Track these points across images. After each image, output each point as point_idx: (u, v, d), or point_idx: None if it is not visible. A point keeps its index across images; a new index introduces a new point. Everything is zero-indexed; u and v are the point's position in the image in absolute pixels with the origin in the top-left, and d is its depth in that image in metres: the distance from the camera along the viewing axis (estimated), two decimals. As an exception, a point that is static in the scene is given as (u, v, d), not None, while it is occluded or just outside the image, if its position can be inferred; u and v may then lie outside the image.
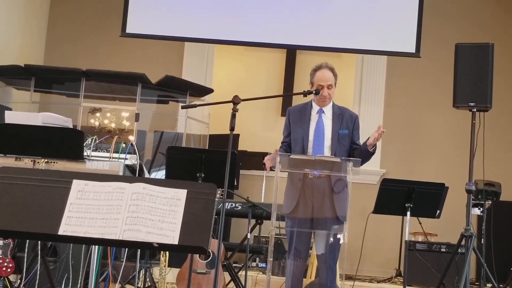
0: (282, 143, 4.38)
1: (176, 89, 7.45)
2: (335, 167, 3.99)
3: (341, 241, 4.03)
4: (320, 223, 4.10)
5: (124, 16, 7.64)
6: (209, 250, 2.69)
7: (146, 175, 4.69)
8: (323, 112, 4.27)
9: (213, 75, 8.43)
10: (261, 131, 8.39)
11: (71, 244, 4.47)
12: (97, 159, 4.30)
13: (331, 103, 4.32)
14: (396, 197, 5.03)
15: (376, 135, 4.08)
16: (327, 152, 4.17)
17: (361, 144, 4.25)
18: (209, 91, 7.61)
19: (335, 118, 4.25)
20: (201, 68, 8.34)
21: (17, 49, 7.90)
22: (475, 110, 4.96)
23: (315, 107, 4.30)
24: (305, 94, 4.20)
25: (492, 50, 4.95)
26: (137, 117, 7.03)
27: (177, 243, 2.49)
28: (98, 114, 7.61)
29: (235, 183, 5.54)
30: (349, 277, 6.13)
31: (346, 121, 4.26)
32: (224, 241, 6.37)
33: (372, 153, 4.18)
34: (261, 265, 6.64)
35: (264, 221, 5.86)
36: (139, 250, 4.98)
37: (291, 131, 4.32)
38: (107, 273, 4.79)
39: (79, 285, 4.51)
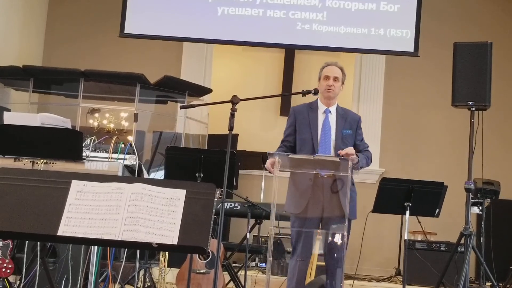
0: (282, 141, 4.39)
1: (175, 89, 7.44)
2: (339, 166, 4.00)
3: (339, 241, 4.04)
4: (329, 222, 4.11)
5: (122, 16, 7.63)
6: (209, 250, 2.69)
7: (145, 175, 4.68)
8: (330, 112, 4.30)
9: (211, 75, 8.42)
10: (260, 131, 8.39)
11: (71, 245, 4.47)
12: (96, 160, 4.30)
13: (336, 105, 4.35)
14: (396, 196, 5.03)
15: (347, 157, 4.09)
16: (332, 152, 4.19)
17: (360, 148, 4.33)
18: (207, 91, 7.61)
19: (339, 118, 4.31)
20: (199, 68, 8.33)
21: (16, 50, 7.89)
22: (473, 108, 4.96)
23: (321, 107, 4.33)
24: (304, 93, 4.21)
25: (491, 49, 4.96)
26: (136, 117, 7.02)
27: (176, 243, 2.50)
28: (97, 115, 7.60)
29: (234, 183, 5.55)
30: (348, 276, 6.13)
31: (349, 122, 4.32)
32: (223, 241, 6.37)
33: (357, 169, 4.20)
34: (261, 264, 6.64)
35: (263, 220, 5.86)
36: (138, 251, 4.97)
37: (298, 132, 4.33)
38: (106, 273, 4.78)
39: (78, 285, 4.51)
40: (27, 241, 4.52)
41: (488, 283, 5.52)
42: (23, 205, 2.59)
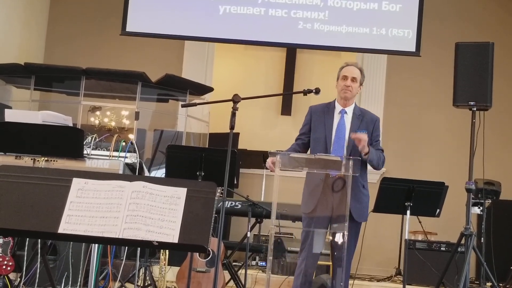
0: (296, 140, 4.39)
1: (176, 88, 7.45)
2: (342, 165, 3.98)
3: (340, 240, 4.04)
4: (337, 222, 4.11)
5: (124, 14, 7.63)
6: (209, 249, 2.69)
7: (146, 173, 4.69)
8: (345, 112, 4.28)
9: (213, 74, 8.42)
10: (261, 129, 8.39)
11: (71, 243, 4.47)
12: (97, 158, 4.30)
13: (354, 104, 4.34)
14: (396, 196, 5.03)
15: (357, 143, 4.07)
16: (345, 152, 4.17)
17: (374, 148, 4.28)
18: (209, 89, 7.61)
19: (355, 119, 4.27)
20: (201, 67, 8.33)
21: (17, 48, 7.90)
22: (475, 109, 4.96)
23: (338, 107, 4.31)
24: (305, 93, 4.21)
25: (492, 49, 4.95)
26: (137, 115, 7.03)
27: (177, 242, 2.50)
28: (98, 113, 7.61)
29: (235, 182, 5.54)
30: (349, 276, 6.12)
31: (365, 123, 4.27)
32: (224, 239, 6.37)
33: (366, 160, 4.14)
34: (261, 263, 6.64)
35: (264, 219, 5.86)
36: (139, 249, 4.98)
37: (312, 130, 4.31)
38: (107, 271, 4.79)
39: (79, 283, 4.52)
40: (27, 239, 4.52)
41: (489, 284, 5.52)
42: (24, 203, 2.60)
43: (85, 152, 4.29)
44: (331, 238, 4.21)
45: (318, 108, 4.38)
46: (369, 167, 4.31)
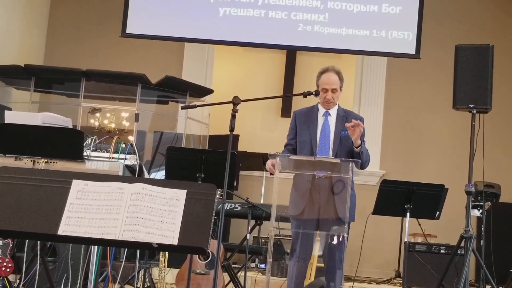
0: (285, 146, 4.39)
1: (176, 90, 7.45)
2: (336, 168, 3.99)
3: (339, 242, 4.03)
4: (325, 224, 4.11)
5: (124, 16, 7.64)
6: (209, 251, 2.69)
7: (146, 175, 4.68)
8: (329, 114, 4.30)
9: (213, 76, 8.43)
10: (260, 131, 8.40)
11: (71, 244, 4.47)
12: (97, 159, 4.30)
13: (337, 106, 4.35)
14: (396, 198, 5.03)
15: (351, 132, 4.07)
16: (330, 153, 4.18)
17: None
18: (209, 91, 7.61)
19: (339, 120, 4.29)
20: (201, 69, 8.34)
21: (17, 49, 7.90)
22: (474, 111, 4.95)
23: (321, 110, 4.33)
24: (305, 95, 4.21)
25: (492, 52, 4.95)
26: (137, 117, 7.03)
27: (176, 244, 2.50)
28: (98, 114, 7.60)
29: (235, 184, 5.54)
30: (348, 278, 6.13)
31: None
32: (223, 241, 6.37)
33: (359, 152, 4.13)
34: (261, 265, 6.64)
35: (263, 221, 5.85)
36: (138, 251, 4.98)
37: (298, 134, 4.33)
38: (106, 273, 4.78)
39: (78, 285, 4.51)
40: (27, 240, 4.52)
41: (488, 286, 5.51)
42: (23, 204, 2.60)
43: (85, 153, 4.29)
44: (321, 239, 4.21)
45: (302, 112, 4.40)
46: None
